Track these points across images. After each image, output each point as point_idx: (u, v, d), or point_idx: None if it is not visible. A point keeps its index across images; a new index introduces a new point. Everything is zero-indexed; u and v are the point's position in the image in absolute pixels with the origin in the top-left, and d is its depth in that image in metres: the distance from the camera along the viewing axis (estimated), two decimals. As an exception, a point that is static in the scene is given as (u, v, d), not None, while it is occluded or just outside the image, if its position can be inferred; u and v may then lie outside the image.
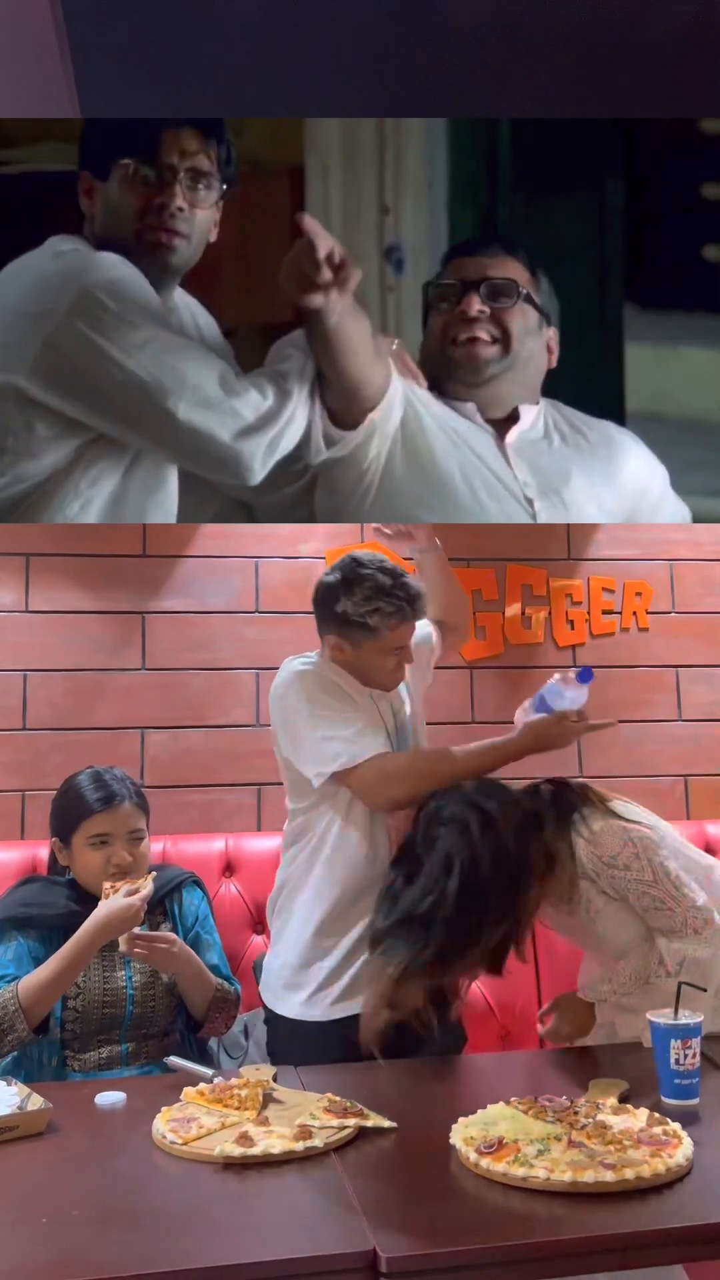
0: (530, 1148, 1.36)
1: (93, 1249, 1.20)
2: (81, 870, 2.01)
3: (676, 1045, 1.57)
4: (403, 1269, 1.16)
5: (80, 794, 2.03)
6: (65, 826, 2.03)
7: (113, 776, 2.07)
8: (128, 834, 2.01)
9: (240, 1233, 1.24)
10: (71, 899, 2.01)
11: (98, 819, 2.00)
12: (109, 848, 1.99)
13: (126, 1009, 1.95)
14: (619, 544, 3.14)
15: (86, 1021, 1.92)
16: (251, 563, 2.96)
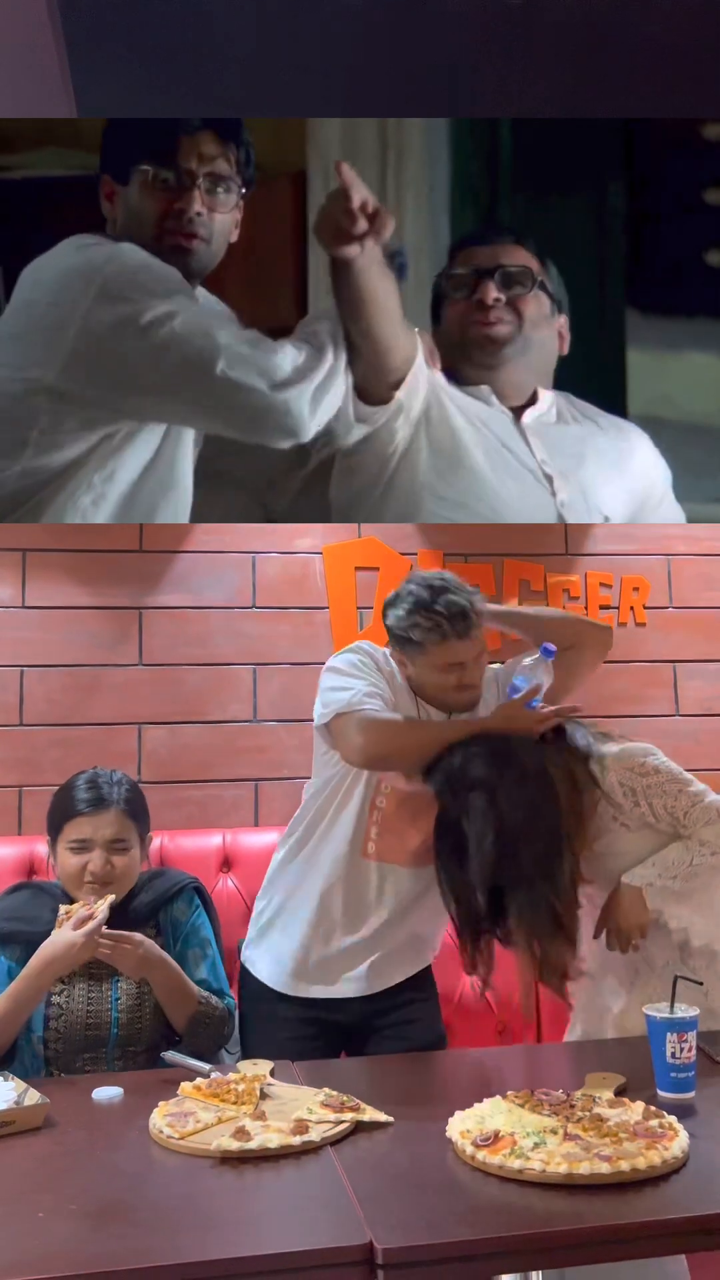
0: (526, 1140, 1.37)
1: (90, 1243, 1.20)
2: (61, 874, 1.93)
3: (672, 1039, 1.57)
4: (399, 1261, 1.16)
5: (70, 794, 1.96)
6: (52, 826, 1.97)
7: (109, 780, 1.98)
8: (109, 842, 1.90)
9: (237, 1226, 1.24)
10: (54, 910, 1.87)
11: (81, 822, 1.91)
12: (88, 854, 1.89)
13: (111, 1031, 1.86)
14: (616, 539, 3.14)
15: (69, 1041, 1.85)
16: (249, 558, 2.96)
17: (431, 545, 3.05)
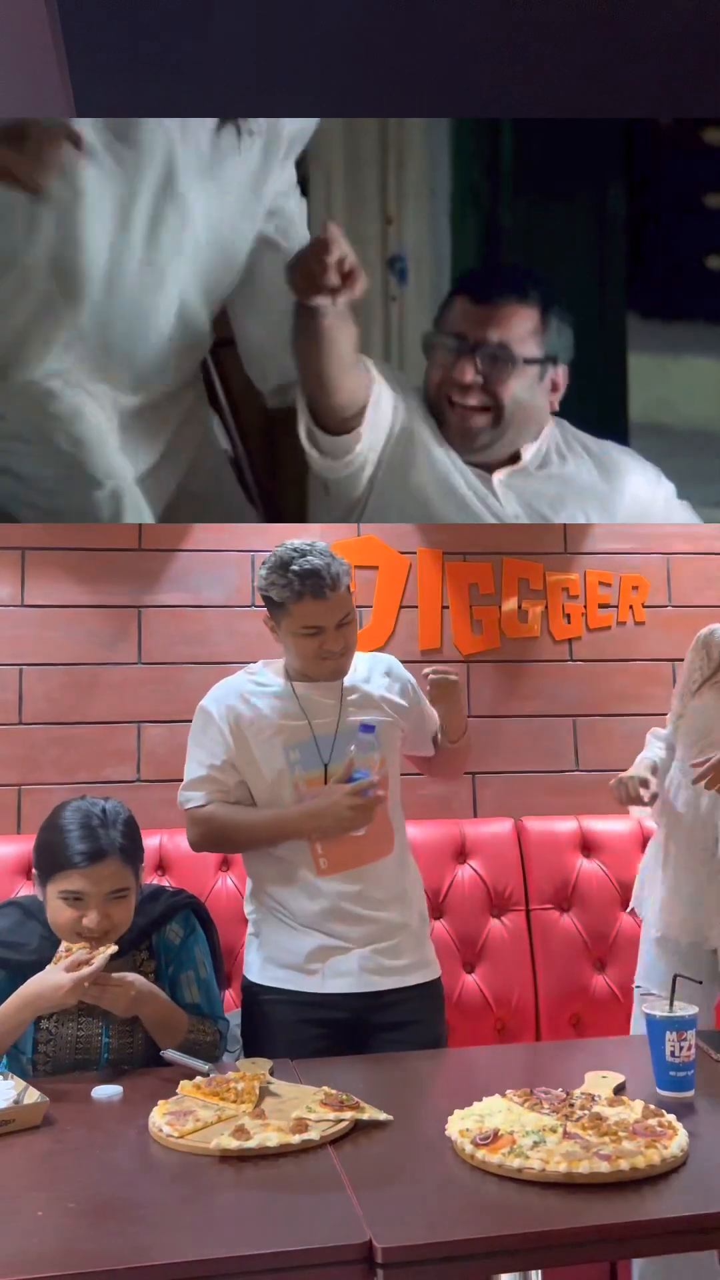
0: (526, 1139, 1.37)
1: (89, 1241, 1.20)
2: (51, 921, 1.81)
3: (672, 1037, 1.58)
4: (399, 1260, 1.16)
5: (63, 842, 1.80)
6: (41, 870, 1.84)
7: (102, 820, 1.83)
8: (108, 894, 1.78)
9: (237, 1225, 1.24)
10: (47, 940, 1.81)
11: (74, 875, 1.76)
12: (82, 907, 1.76)
13: (101, 1056, 1.81)
14: (616, 538, 3.14)
15: (58, 1065, 1.80)
16: (247, 556, 2.96)
17: (430, 544, 3.05)
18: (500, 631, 3.05)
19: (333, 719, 2.05)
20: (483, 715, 2.99)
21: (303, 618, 1.99)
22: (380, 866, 2.04)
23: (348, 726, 2.04)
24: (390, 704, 2.13)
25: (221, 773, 2.07)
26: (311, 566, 1.97)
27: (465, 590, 3.04)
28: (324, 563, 1.99)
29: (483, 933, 2.63)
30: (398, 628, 3.00)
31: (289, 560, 2.00)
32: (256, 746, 2.05)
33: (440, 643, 3.02)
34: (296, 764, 2.04)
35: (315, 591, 1.97)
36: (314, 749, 2.04)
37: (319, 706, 2.06)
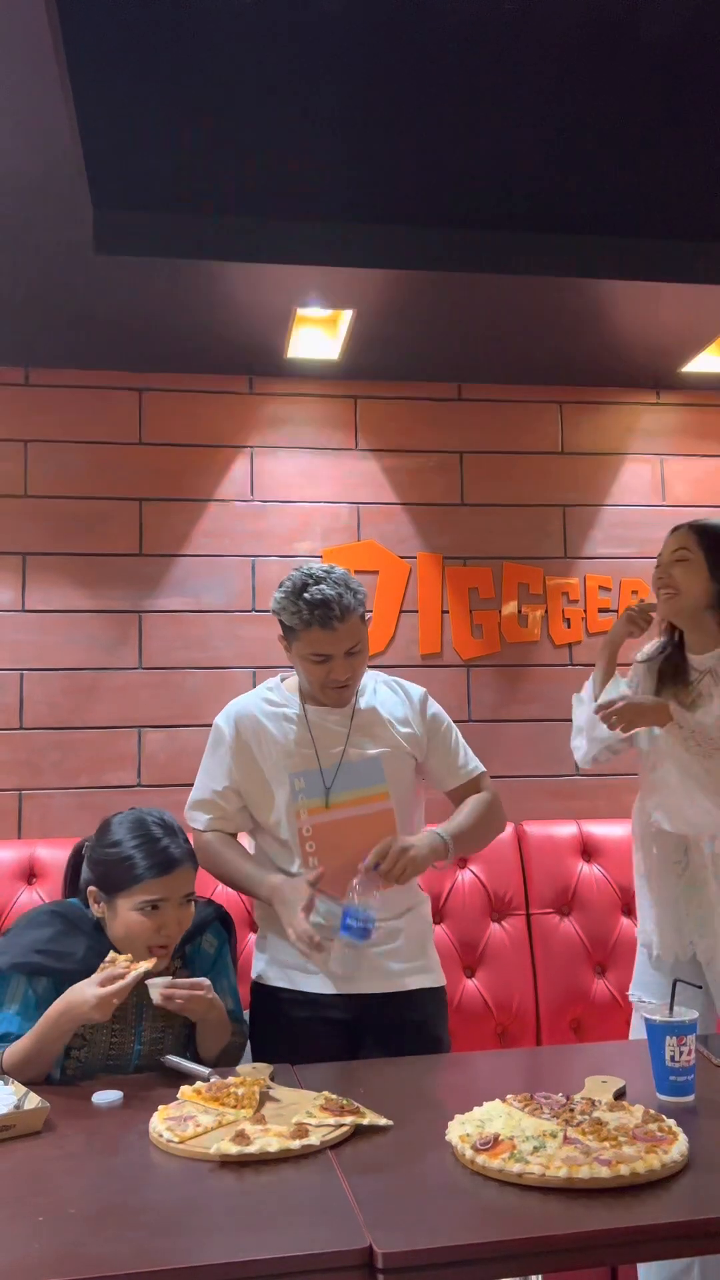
0: (526, 1144, 1.37)
1: (89, 1246, 1.20)
2: (122, 930, 1.84)
3: (672, 1042, 1.58)
4: (399, 1265, 1.16)
5: (135, 855, 1.84)
6: (113, 883, 1.85)
7: (166, 831, 1.88)
8: (181, 898, 1.85)
9: (237, 1230, 1.24)
10: (94, 950, 1.83)
11: (153, 885, 1.82)
12: (160, 915, 1.82)
13: (131, 1063, 1.85)
14: (615, 542, 3.15)
15: (90, 1063, 1.82)
16: (248, 561, 2.97)
17: (431, 549, 3.06)
18: (500, 636, 3.05)
19: (339, 748, 2.05)
20: (483, 720, 3.00)
21: (310, 645, 1.99)
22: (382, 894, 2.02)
23: (351, 757, 2.04)
24: (403, 734, 2.10)
25: (223, 798, 2.11)
26: (323, 597, 1.96)
27: (465, 595, 3.05)
28: (336, 593, 1.97)
29: (483, 937, 2.63)
30: (398, 632, 3.00)
31: (302, 586, 1.99)
32: (265, 769, 2.07)
33: (440, 647, 3.02)
34: (301, 792, 2.04)
35: (323, 622, 1.96)
36: (318, 777, 2.04)
37: (328, 735, 2.06)
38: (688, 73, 2.13)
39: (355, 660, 2.02)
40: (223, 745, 2.12)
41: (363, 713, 2.09)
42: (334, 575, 2.01)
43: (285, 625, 2.03)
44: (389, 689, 2.17)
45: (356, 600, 2.00)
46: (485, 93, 2.11)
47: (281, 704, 2.11)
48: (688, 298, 2.60)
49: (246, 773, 2.09)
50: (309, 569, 2.03)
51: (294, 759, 2.05)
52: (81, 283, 2.45)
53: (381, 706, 2.12)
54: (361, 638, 2.02)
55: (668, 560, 2.21)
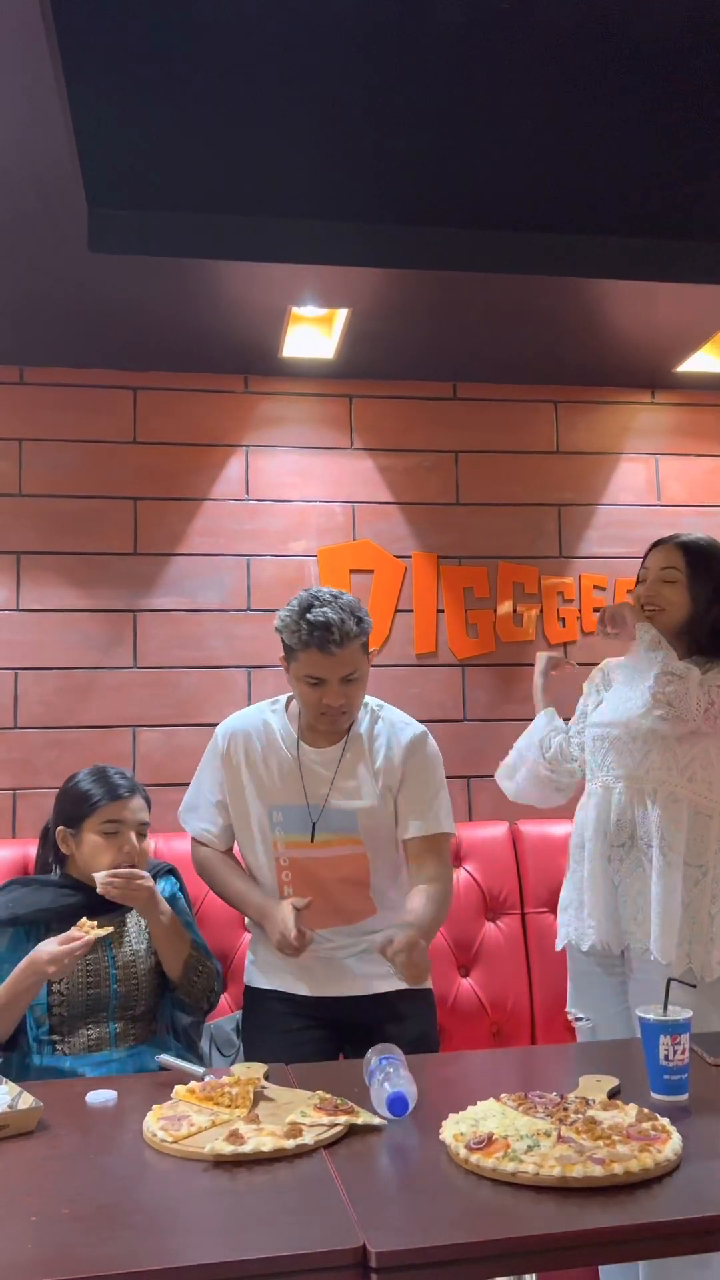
0: (520, 1143, 1.37)
1: (82, 1246, 1.20)
2: (87, 858, 2.03)
3: (666, 1041, 1.58)
4: (393, 1265, 1.16)
5: (94, 784, 2.07)
6: (76, 815, 2.05)
7: (119, 773, 2.11)
8: (137, 825, 2.05)
9: (231, 1230, 1.24)
10: (62, 893, 2.03)
11: (112, 807, 2.03)
12: (120, 836, 2.02)
13: (111, 988, 1.96)
14: (610, 541, 3.15)
15: (73, 1004, 1.95)
16: (243, 560, 2.97)
17: (426, 548, 3.06)
18: (495, 635, 3.05)
19: (325, 790, 2.05)
20: (478, 719, 3.00)
21: (307, 666, 1.98)
22: (361, 925, 2.07)
23: (333, 804, 2.05)
24: (384, 780, 2.08)
25: (215, 809, 2.14)
26: (325, 619, 1.95)
27: (460, 594, 3.05)
28: (339, 618, 1.95)
29: (478, 937, 2.63)
30: (393, 632, 3.00)
31: (307, 607, 1.98)
32: (247, 794, 2.09)
33: (435, 646, 3.02)
34: (279, 825, 2.06)
35: (321, 645, 1.95)
36: (304, 815, 2.05)
37: (316, 773, 2.06)
38: (683, 71, 2.13)
39: (351, 688, 2.00)
40: (216, 759, 2.15)
41: (350, 751, 2.07)
42: (341, 600, 1.99)
43: (285, 644, 2.02)
44: (384, 726, 2.11)
45: (360, 629, 1.98)
46: (480, 91, 2.11)
47: (278, 732, 2.11)
48: (683, 297, 2.61)
49: (233, 792, 2.11)
50: (317, 590, 2.03)
51: (278, 792, 2.07)
52: (76, 281, 2.45)
53: (369, 744, 2.09)
54: (360, 666, 2.00)
55: (655, 577, 2.17)
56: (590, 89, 2.12)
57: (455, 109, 2.12)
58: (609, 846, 2.12)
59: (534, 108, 2.12)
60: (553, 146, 2.19)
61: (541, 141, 2.17)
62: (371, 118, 2.11)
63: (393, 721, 2.14)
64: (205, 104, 2.06)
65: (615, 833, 2.11)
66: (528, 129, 2.15)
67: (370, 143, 2.14)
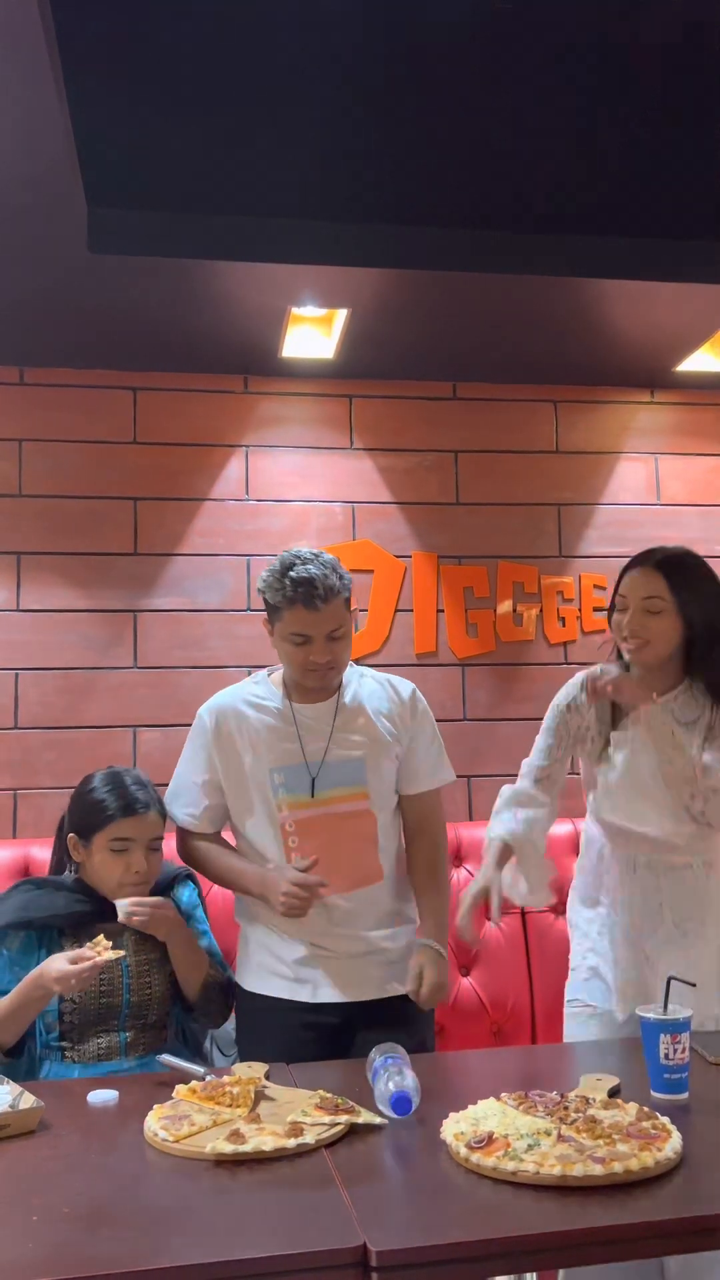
0: (520, 1142, 1.37)
1: (84, 1246, 1.20)
2: (97, 870, 2.00)
3: (666, 1040, 1.58)
4: (393, 1263, 1.17)
5: (109, 795, 2.01)
6: (89, 825, 2.01)
7: (136, 781, 2.06)
8: (149, 841, 2.00)
9: (232, 1229, 1.24)
10: (75, 899, 2.01)
11: (124, 824, 1.98)
12: (129, 855, 1.98)
13: (123, 996, 1.94)
14: (610, 541, 3.15)
15: (85, 1012, 1.92)
16: (243, 560, 2.97)
17: (425, 548, 3.06)
18: (495, 635, 3.05)
19: (323, 744, 2.05)
20: (478, 719, 3.00)
21: (292, 624, 1.98)
22: (369, 893, 2.04)
23: (334, 755, 2.04)
24: (387, 730, 2.09)
25: (202, 790, 2.11)
26: (308, 575, 1.95)
27: (460, 594, 3.05)
28: (321, 573, 1.96)
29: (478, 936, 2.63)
30: (393, 631, 3.00)
31: (289, 566, 1.98)
32: (247, 762, 2.06)
33: (435, 646, 3.03)
34: (280, 787, 2.03)
35: (306, 601, 1.95)
36: (304, 772, 2.03)
37: (312, 730, 2.05)
38: (683, 72, 2.13)
39: (337, 645, 2.00)
40: (203, 737, 2.11)
41: (347, 708, 2.08)
42: (321, 558, 2.01)
43: (269, 604, 2.02)
44: (376, 683, 2.15)
45: (342, 584, 2.00)
46: (480, 92, 2.11)
47: (266, 698, 2.09)
48: (682, 297, 2.61)
49: (227, 766, 2.08)
50: (297, 550, 2.03)
51: (276, 753, 2.04)
52: (76, 282, 2.45)
53: (367, 701, 2.10)
54: (345, 621, 2.01)
55: (638, 607, 1.99)
56: (590, 90, 2.13)
57: (455, 110, 2.12)
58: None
59: (534, 108, 2.13)
60: (552, 147, 2.19)
61: (541, 142, 2.18)
62: (371, 119, 2.11)
63: (385, 679, 2.17)
64: (205, 105, 2.06)
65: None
66: (527, 129, 2.16)
67: (370, 143, 2.14)
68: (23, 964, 1.92)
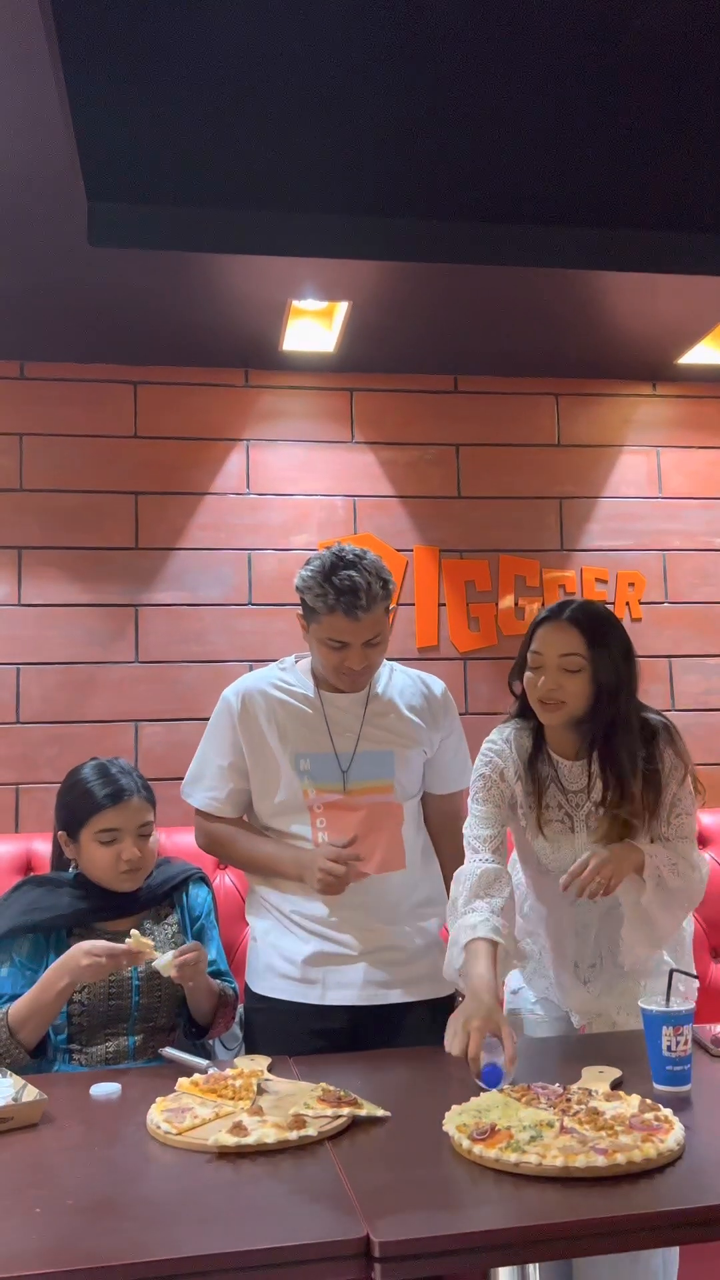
0: (523, 1134, 1.37)
1: (87, 1238, 1.20)
2: (89, 865, 1.99)
3: (668, 1032, 1.58)
4: (396, 1254, 1.17)
5: (88, 788, 1.99)
6: (73, 821, 2.00)
7: (119, 769, 2.04)
8: (137, 828, 1.98)
9: (234, 1221, 1.24)
10: (77, 896, 1.99)
11: (107, 814, 1.96)
12: (118, 844, 1.96)
13: (133, 999, 1.93)
14: (612, 535, 3.15)
15: (93, 1015, 1.90)
16: (244, 554, 2.97)
17: (427, 541, 3.05)
18: (497, 628, 3.05)
19: (353, 735, 2.03)
20: (479, 712, 3.00)
21: (330, 630, 1.94)
22: (390, 881, 2.01)
23: (365, 746, 2.02)
24: (416, 727, 2.08)
25: (225, 774, 2.08)
26: (352, 583, 1.89)
27: (462, 587, 3.05)
28: (365, 581, 1.90)
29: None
30: (395, 625, 3.00)
31: (332, 569, 1.92)
32: (274, 745, 2.04)
33: (437, 640, 3.02)
34: (307, 774, 2.01)
35: (347, 610, 1.90)
36: (333, 763, 2.02)
37: (342, 721, 2.03)
38: (682, 63, 2.13)
39: (373, 651, 1.97)
40: (229, 719, 2.07)
41: (377, 701, 2.06)
42: (366, 561, 1.94)
43: (307, 605, 1.96)
44: (408, 678, 2.13)
45: (385, 591, 1.95)
46: (480, 83, 2.10)
47: (294, 684, 2.07)
48: (684, 289, 2.60)
49: (253, 749, 2.05)
50: (341, 550, 1.96)
51: (304, 740, 2.02)
52: (76, 276, 2.45)
53: (399, 696, 2.08)
54: (383, 629, 1.98)
55: (556, 665, 1.89)
56: (590, 81, 2.12)
57: (455, 101, 2.11)
58: None
59: (535, 100, 2.12)
60: (554, 139, 2.18)
61: (542, 134, 2.17)
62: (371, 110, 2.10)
63: (417, 674, 2.15)
64: (205, 97, 2.05)
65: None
66: (528, 121, 2.15)
67: (370, 135, 2.14)
68: (33, 967, 1.91)
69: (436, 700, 2.13)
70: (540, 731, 1.99)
